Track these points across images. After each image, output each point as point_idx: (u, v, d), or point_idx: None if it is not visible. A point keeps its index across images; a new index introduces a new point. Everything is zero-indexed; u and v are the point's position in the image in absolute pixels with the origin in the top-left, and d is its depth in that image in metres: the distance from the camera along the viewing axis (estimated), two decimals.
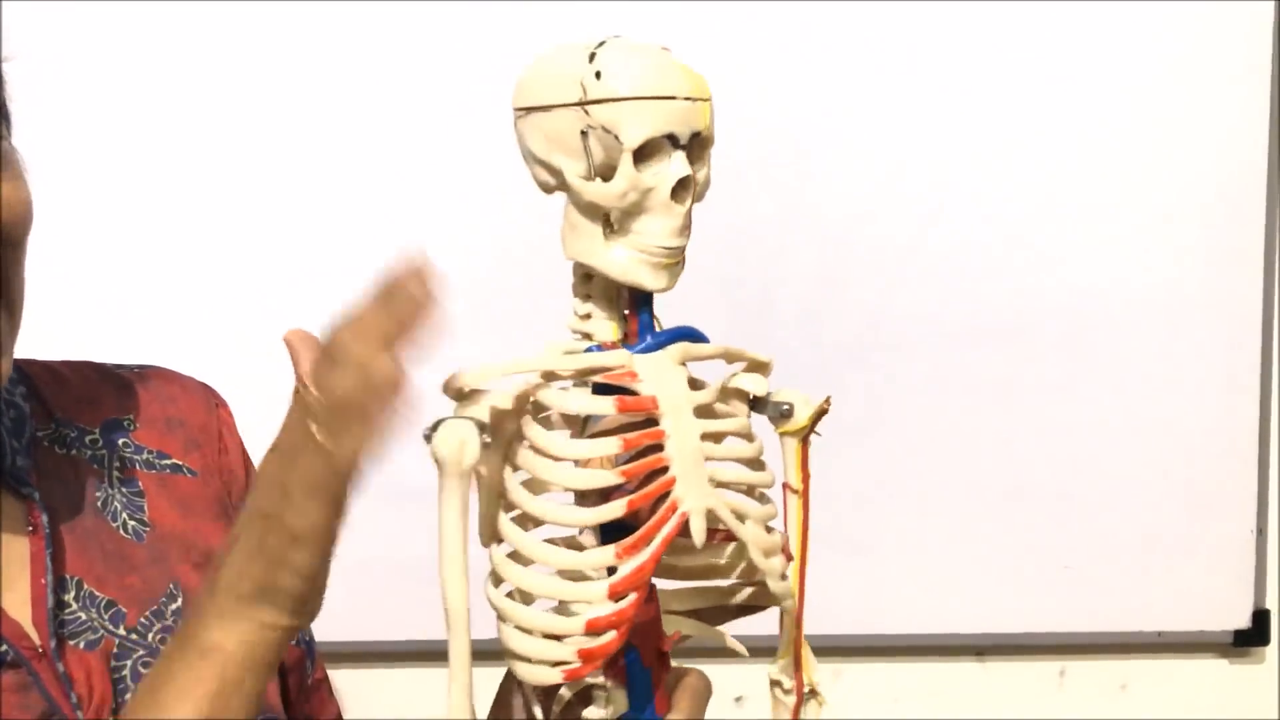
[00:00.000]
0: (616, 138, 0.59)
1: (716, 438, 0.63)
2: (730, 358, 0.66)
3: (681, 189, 0.61)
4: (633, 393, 0.61)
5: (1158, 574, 1.33)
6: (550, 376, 0.61)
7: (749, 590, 0.69)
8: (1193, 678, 1.38)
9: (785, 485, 0.68)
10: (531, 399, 0.61)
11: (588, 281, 0.63)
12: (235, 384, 0.86)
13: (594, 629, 0.59)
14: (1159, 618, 1.34)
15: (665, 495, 0.60)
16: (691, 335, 0.64)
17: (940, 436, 1.30)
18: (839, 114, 1.25)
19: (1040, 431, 1.30)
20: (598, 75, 0.59)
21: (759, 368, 0.67)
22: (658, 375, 0.62)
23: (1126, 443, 1.31)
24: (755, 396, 0.66)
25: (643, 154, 0.60)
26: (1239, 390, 1.32)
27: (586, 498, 0.62)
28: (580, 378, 0.62)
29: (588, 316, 0.63)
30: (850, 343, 1.28)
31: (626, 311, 0.64)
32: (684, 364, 0.63)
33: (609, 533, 0.62)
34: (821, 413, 0.67)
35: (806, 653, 0.70)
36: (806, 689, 0.71)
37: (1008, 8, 1.26)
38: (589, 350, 0.62)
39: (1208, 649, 1.37)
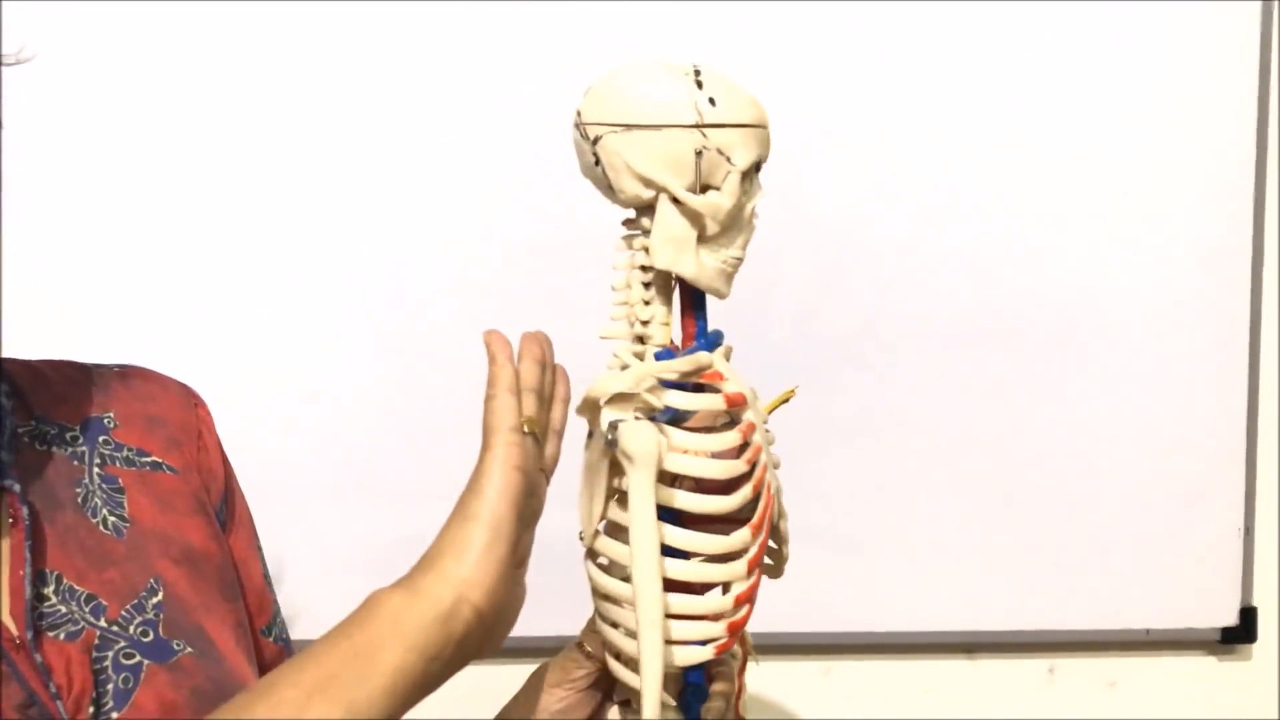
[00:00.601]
0: (729, 159, 0.66)
1: (766, 425, 0.69)
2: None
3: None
4: (716, 389, 0.67)
5: (1146, 572, 1.33)
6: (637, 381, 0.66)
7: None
8: (1180, 675, 1.38)
9: None
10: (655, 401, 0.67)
11: (647, 289, 0.69)
12: (213, 384, 0.86)
13: (741, 602, 0.66)
14: (1147, 615, 1.34)
15: (763, 478, 0.68)
16: (720, 336, 0.71)
17: (931, 435, 1.30)
18: (833, 114, 1.26)
19: (1031, 431, 1.31)
20: (711, 101, 0.66)
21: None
22: (730, 373, 0.68)
23: (1116, 441, 1.32)
24: None
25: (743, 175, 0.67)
26: (1227, 389, 1.33)
27: (712, 486, 0.67)
28: (685, 379, 0.67)
29: (649, 321, 0.69)
30: (844, 342, 1.28)
31: (678, 315, 0.69)
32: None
33: (670, 517, 0.67)
34: (784, 400, 0.72)
35: None
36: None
37: (999, 11, 1.26)
38: (661, 353, 0.68)
39: (1195, 646, 1.38)
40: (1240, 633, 1.35)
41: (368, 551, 1.23)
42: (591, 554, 0.69)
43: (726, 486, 0.67)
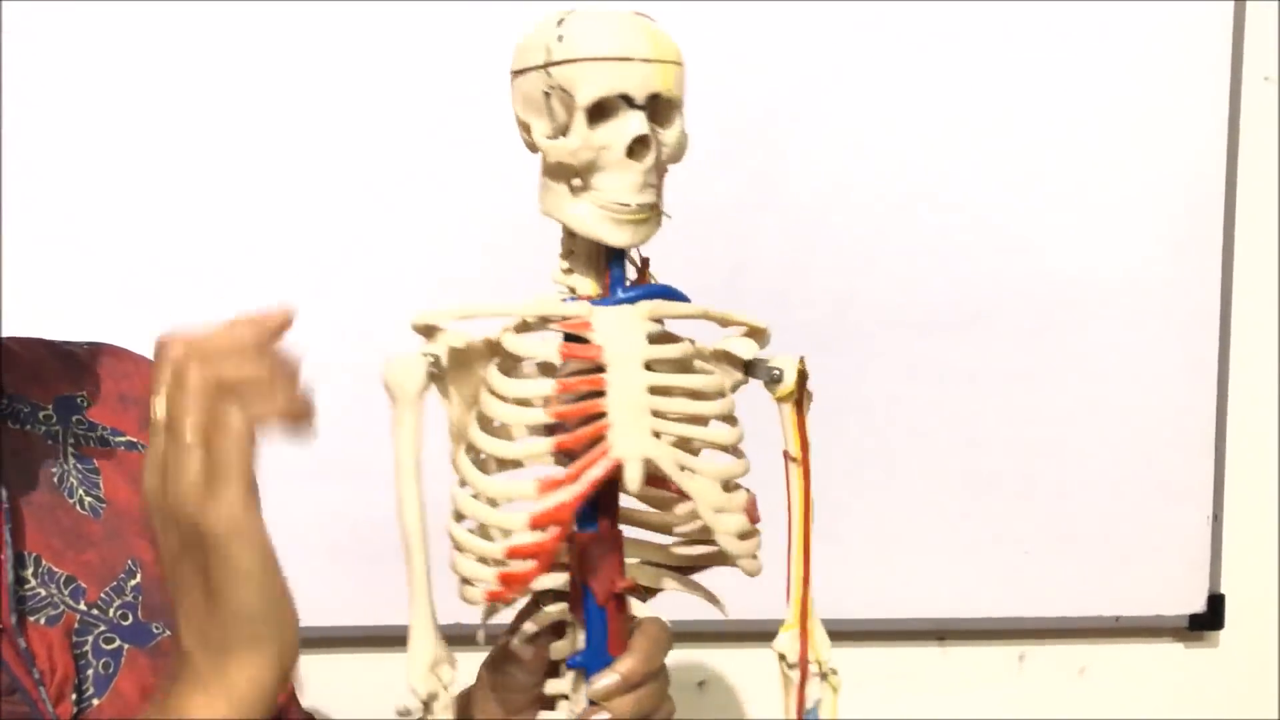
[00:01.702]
0: (573, 96, 0.62)
1: (667, 391, 0.64)
2: (722, 321, 0.68)
3: (640, 147, 0.63)
4: (584, 340, 0.63)
5: (1116, 559, 1.34)
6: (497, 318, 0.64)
7: (706, 549, 0.71)
8: (1149, 661, 1.39)
9: (785, 453, 0.70)
10: (498, 341, 0.64)
11: (571, 239, 0.66)
12: None
13: (514, 555, 0.62)
14: (1117, 602, 1.35)
15: (602, 440, 0.63)
16: (666, 294, 0.67)
17: (903, 423, 1.31)
18: (809, 98, 1.26)
19: (1002, 419, 1.32)
20: (560, 39, 0.62)
21: (755, 334, 0.70)
22: (614, 327, 0.64)
23: (1086, 430, 1.33)
24: (746, 361, 0.69)
25: (600, 113, 0.62)
26: (1197, 378, 1.34)
27: (533, 434, 0.65)
28: (541, 323, 0.65)
29: (570, 271, 0.66)
30: (815, 329, 1.28)
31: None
32: (659, 320, 0.66)
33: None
34: (801, 374, 0.69)
35: (815, 626, 0.71)
36: (814, 665, 0.70)
37: (974, 1, 1.26)
38: (569, 299, 0.65)
39: (1164, 633, 1.39)
40: (1208, 619, 1.37)
41: (333, 536, 1.22)
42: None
43: (545, 435, 0.64)
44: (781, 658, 0.70)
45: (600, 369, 0.63)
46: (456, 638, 0.65)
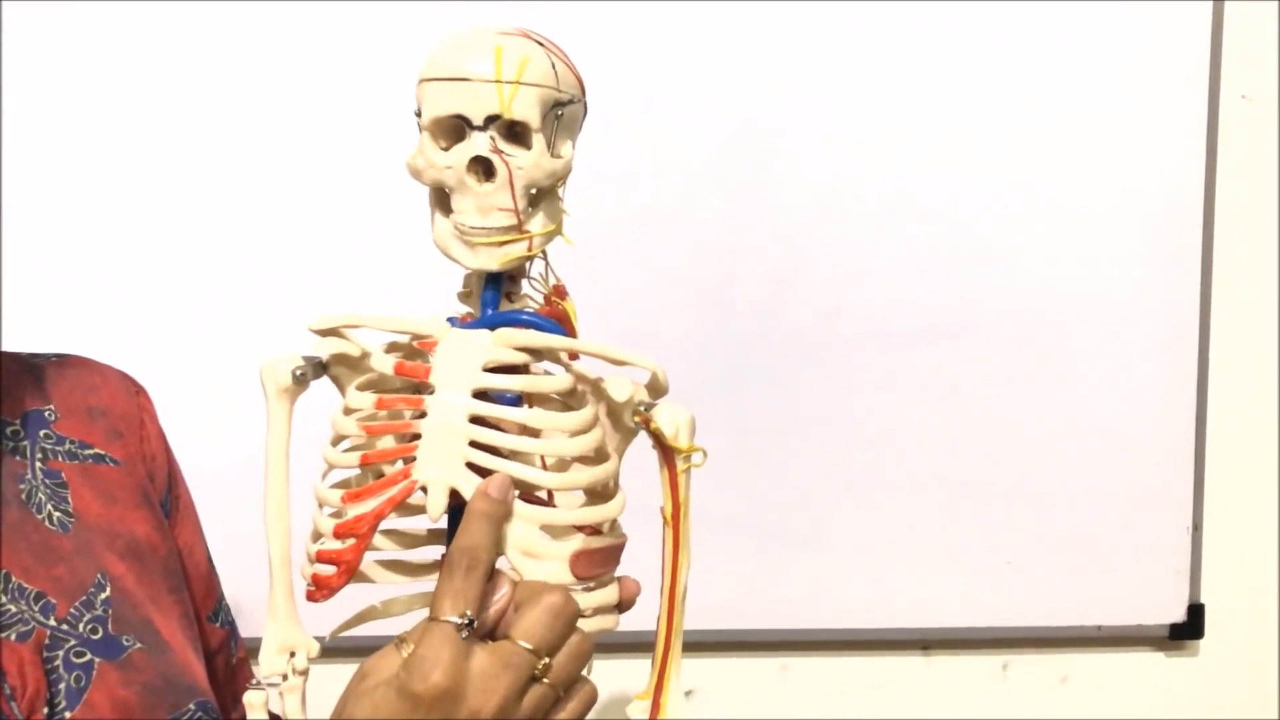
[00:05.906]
0: (420, 116, 0.63)
1: (494, 423, 0.61)
2: (604, 358, 0.63)
3: (481, 170, 0.62)
4: (423, 360, 0.63)
5: (1097, 570, 1.35)
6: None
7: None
8: (1130, 670, 1.41)
9: (661, 509, 0.64)
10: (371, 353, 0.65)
11: None
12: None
13: (321, 559, 0.63)
14: (1098, 612, 1.37)
15: (412, 460, 0.62)
16: (524, 322, 0.64)
17: (887, 433, 1.31)
18: (794, 113, 1.27)
19: (984, 430, 1.33)
20: (424, 58, 0.62)
21: (654, 380, 0.64)
22: (456, 350, 0.62)
23: (1067, 441, 1.34)
24: (618, 402, 0.63)
25: (450, 134, 0.62)
26: (1176, 390, 1.35)
27: (350, 444, 0.65)
28: (409, 338, 0.65)
29: (468, 294, 0.66)
30: (801, 339, 1.29)
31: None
32: (534, 351, 0.63)
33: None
34: (674, 428, 0.63)
35: (670, 701, 0.66)
36: None
37: (958, 14, 1.27)
38: (451, 319, 0.65)
39: (1145, 642, 1.40)
40: (1188, 629, 1.38)
41: None
42: None
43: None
44: None
45: (426, 389, 0.62)
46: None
